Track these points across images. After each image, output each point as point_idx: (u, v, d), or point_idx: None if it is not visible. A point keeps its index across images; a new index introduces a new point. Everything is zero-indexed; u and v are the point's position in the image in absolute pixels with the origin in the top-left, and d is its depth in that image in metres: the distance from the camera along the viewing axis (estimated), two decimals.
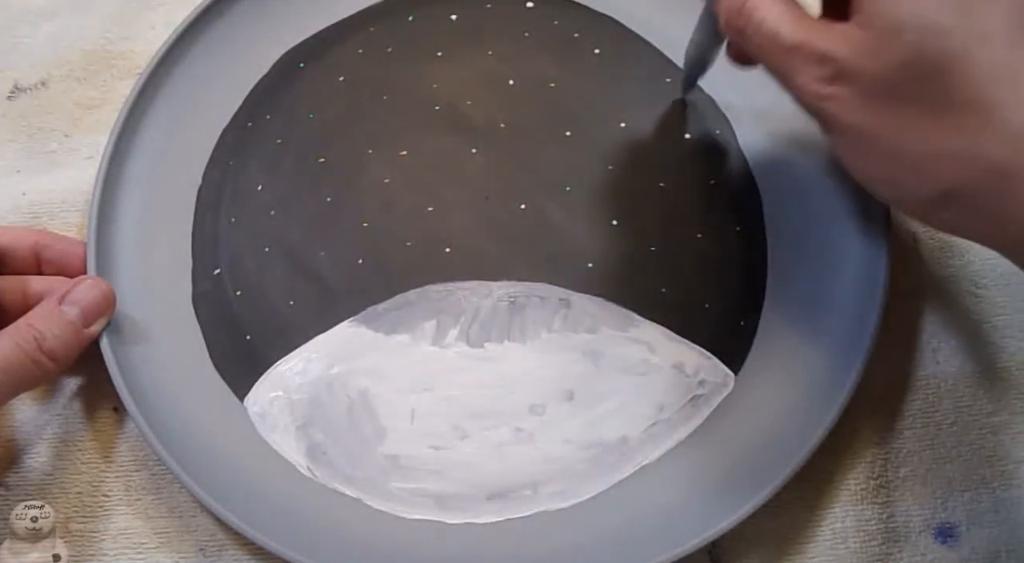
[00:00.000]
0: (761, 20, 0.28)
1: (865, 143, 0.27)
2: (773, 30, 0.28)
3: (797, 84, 0.28)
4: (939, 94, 0.25)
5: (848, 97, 0.26)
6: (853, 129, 0.27)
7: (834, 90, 0.27)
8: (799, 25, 0.27)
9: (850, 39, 0.26)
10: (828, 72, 0.27)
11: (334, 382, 0.36)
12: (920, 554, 0.34)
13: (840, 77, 0.26)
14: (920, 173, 0.26)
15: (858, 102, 0.26)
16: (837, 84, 0.26)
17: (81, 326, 0.34)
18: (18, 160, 0.41)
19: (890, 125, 0.26)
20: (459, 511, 0.35)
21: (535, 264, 0.38)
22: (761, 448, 0.34)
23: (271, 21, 0.41)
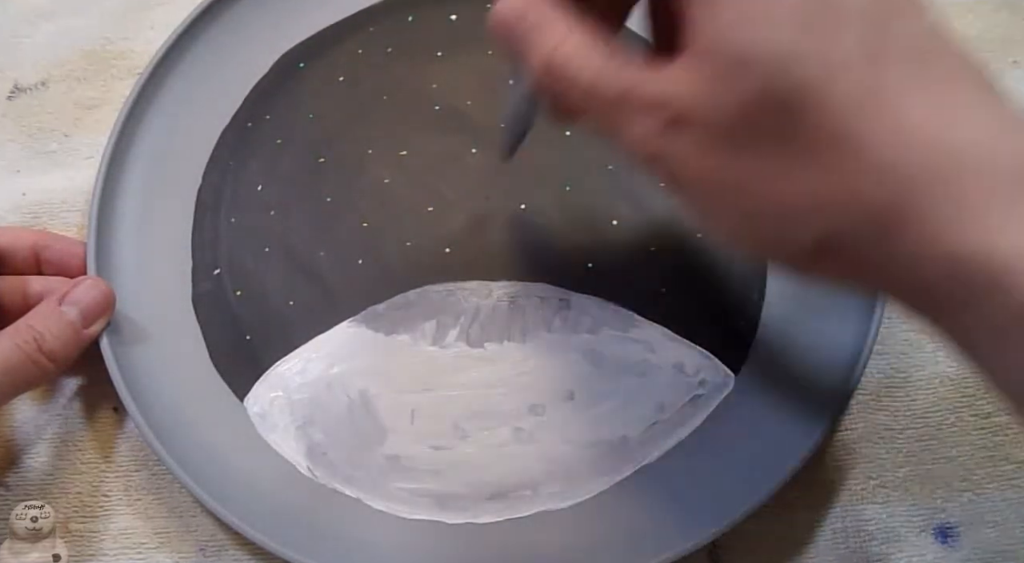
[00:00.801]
0: (575, 74, 0.24)
1: (717, 197, 0.23)
2: (590, 82, 0.24)
3: (629, 140, 0.24)
4: (797, 132, 0.21)
5: (689, 146, 0.22)
6: (700, 182, 0.23)
7: (673, 140, 0.23)
8: (622, 72, 0.23)
9: (684, 78, 0.22)
10: (662, 120, 0.23)
11: (334, 382, 0.36)
12: (920, 554, 0.34)
13: (677, 124, 0.22)
14: (786, 225, 0.23)
15: (702, 150, 0.22)
16: (676, 131, 0.22)
17: (81, 326, 0.34)
18: (18, 160, 0.41)
19: (743, 173, 0.22)
20: (459, 511, 0.35)
21: (535, 264, 0.38)
22: (761, 448, 0.34)
23: (271, 21, 0.41)
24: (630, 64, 0.23)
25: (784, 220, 0.23)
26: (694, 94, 0.22)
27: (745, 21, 0.21)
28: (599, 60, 0.24)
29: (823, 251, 0.23)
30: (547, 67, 0.24)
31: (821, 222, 0.22)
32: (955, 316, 0.22)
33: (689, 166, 0.23)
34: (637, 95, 0.23)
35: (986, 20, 0.42)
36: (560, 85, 0.24)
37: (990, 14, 0.42)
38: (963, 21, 0.42)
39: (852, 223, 0.22)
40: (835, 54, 0.21)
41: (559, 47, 0.24)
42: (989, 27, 0.42)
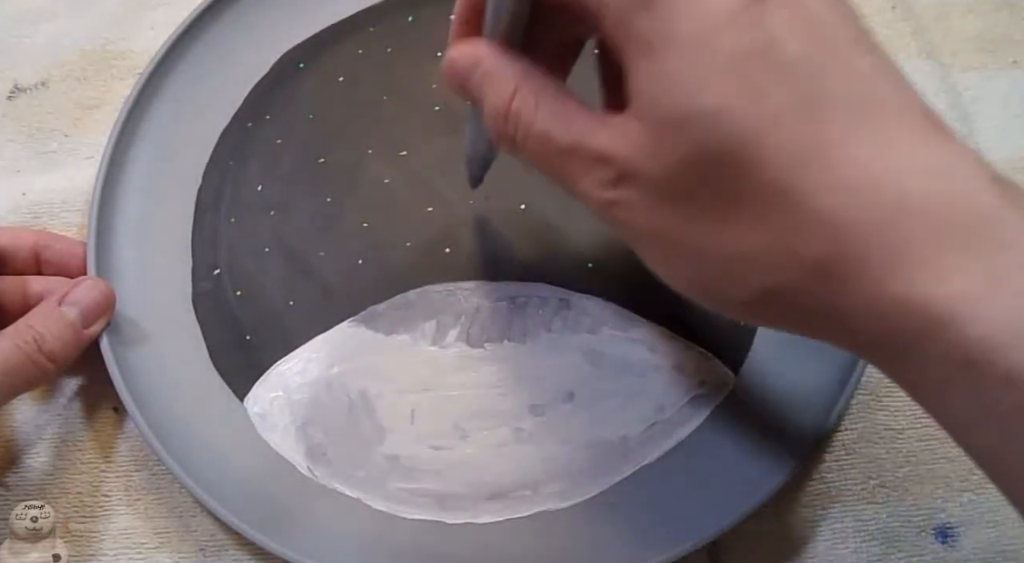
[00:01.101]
0: (529, 124, 0.24)
1: (664, 249, 0.24)
2: (543, 133, 0.24)
3: (579, 191, 0.24)
4: (735, 187, 0.21)
5: (635, 200, 0.23)
6: (649, 234, 0.24)
7: (619, 194, 0.23)
8: (573, 124, 0.24)
9: (628, 134, 0.22)
10: (609, 174, 0.23)
11: (334, 382, 0.36)
12: (920, 554, 0.34)
13: (623, 179, 0.23)
14: (730, 277, 0.23)
15: (647, 205, 0.23)
16: (621, 187, 0.23)
17: (81, 327, 0.34)
18: (18, 160, 0.41)
19: (687, 227, 0.23)
20: (459, 511, 0.35)
21: (535, 264, 0.38)
22: (761, 448, 0.34)
23: (271, 21, 0.41)
24: (580, 116, 0.24)
25: (727, 274, 0.23)
26: (635, 151, 0.22)
27: (679, 76, 0.21)
28: (554, 109, 0.24)
29: (766, 303, 0.23)
30: (501, 116, 0.25)
31: (763, 276, 0.22)
32: (898, 364, 0.22)
33: (635, 219, 0.23)
34: (584, 149, 0.23)
35: (986, 20, 0.42)
36: (514, 133, 0.25)
37: (990, 14, 0.42)
38: (963, 21, 0.42)
39: (793, 277, 0.22)
40: (769, 106, 0.21)
41: (512, 97, 0.24)
42: (989, 27, 0.42)
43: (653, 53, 0.21)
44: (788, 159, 0.21)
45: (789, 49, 0.21)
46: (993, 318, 0.19)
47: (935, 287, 0.20)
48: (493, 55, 0.25)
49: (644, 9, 0.21)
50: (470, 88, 0.26)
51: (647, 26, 0.21)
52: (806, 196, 0.21)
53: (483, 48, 0.26)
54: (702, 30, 0.21)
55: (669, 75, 0.21)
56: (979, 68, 0.42)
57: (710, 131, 0.21)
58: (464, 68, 0.26)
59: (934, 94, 0.41)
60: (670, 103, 0.21)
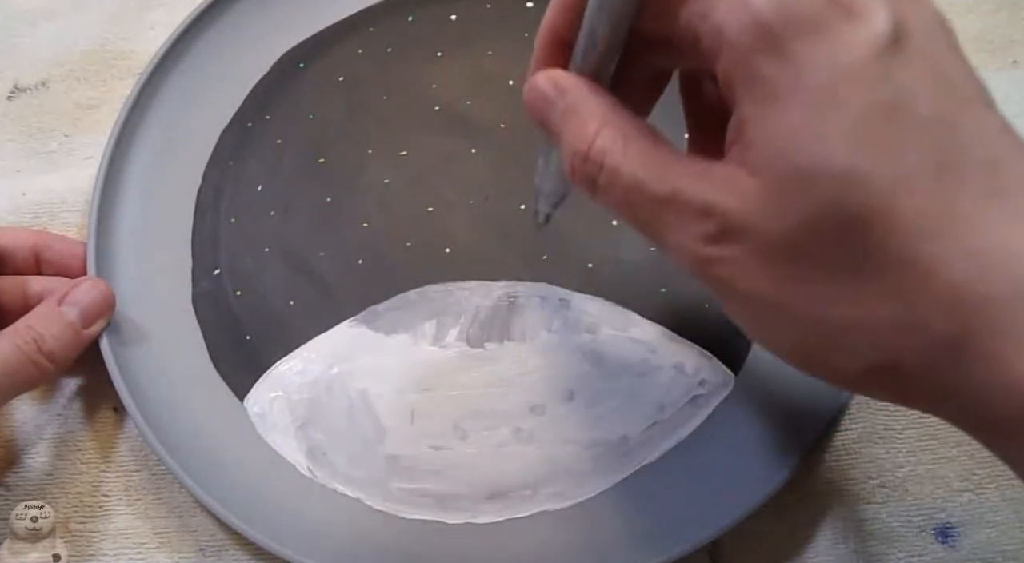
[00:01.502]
0: (616, 167, 0.22)
1: (768, 312, 0.22)
2: (633, 179, 0.22)
3: (674, 245, 0.22)
4: (861, 254, 0.20)
5: (741, 258, 0.21)
6: (751, 296, 0.22)
7: (722, 250, 0.21)
8: (667, 170, 0.22)
9: (738, 187, 0.21)
10: (713, 228, 0.21)
11: (334, 382, 0.36)
12: (920, 554, 0.34)
13: (729, 234, 0.21)
14: (842, 348, 0.21)
15: (755, 264, 0.21)
16: (726, 243, 0.21)
17: (80, 327, 0.34)
18: (18, 160, 0.41)
19: (799, 292, 0.21)
20: (459, 511, 0.35)
21: (535, 264, 0.38)
22: (761, 448, 0.34)
23: (271, 21, 0.41)
24: (677, 162, 0.22)
25: (839, 344, 0.21)
26: (748, 206, 0.20)
27: (806, 130, 0.20)
28: (644, 152, 0.22)
29: (879, 376, 0.21)
30: (581, 156, 0.23)
31: (881, 348, 0.21)
32: (1012, 443, 0.21)
33: (740, 279, 0.21)
34: (686, 199, 0.21)
35: (986, 20, 0.42)
36: (601, 178, 0.23)
37: (990, 14, 0.42)
38: (963, 21, 0.42)
39: (915, 351, 0.20)
40: (901, 169, 0.19)
41: (596, 136, 0.23)
42: (989, 27, 0.42)
43: (778, 101, 0.20)
44: (920, 226, 0.19)
45: (922, 106, 0.20)
46: None
47: None
48: (579, 87, 0.23)
49: (772, 53, 0.20)
50: (549, 121, 0.24)
51: (773, 72, 0.20)
52: (936, 266, 0.19)
53: (569, 79, 0.24)
54: (832, 81, 0.19)
55: (794, 127, 0.20)
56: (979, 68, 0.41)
57: (839, 192, 0.19)
58: (546, 97, 0.24)
59: None
60: (795, 159, 0.20)
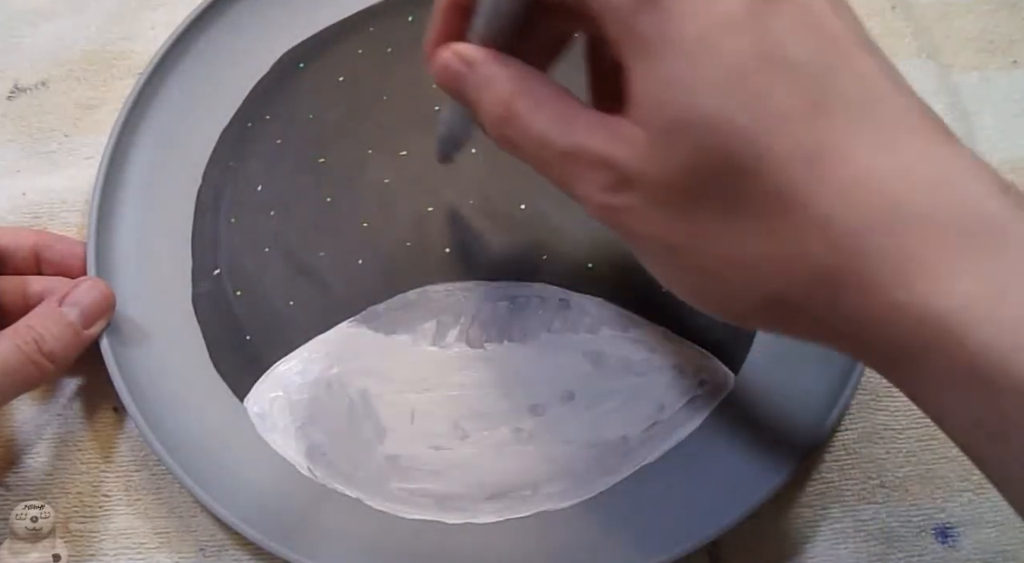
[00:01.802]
0: (527, 126, 0.24)
1: (666, 254, 0.23)
2: (542, 137, 0.24)
3: (580, 194, 0.24)
4: (740, 194, 0.21)
5: (637, 205, 0.22)
6: (651, 240, 0.23)
7: (620, 199, 0.23)
8: (571, 126, 0.23)
9: (628, 139, 0.22)
10: (611, 179, 0.23)
11: (334, 382, 0.36)
12: (920, 554, 0.34)
13: (624, 183, 0.22)
14: (733, 285, 0.22)
15: (649, 210, 0.22)
16: (623, 191, 0.22)
17: (81, 327, 0.34)
18: (18, 160, 0.41)
19: (691, 232, 0.22)
20: (459, 511, 0.35)
21: (535, 264, 0.38)
22: (761, 448, 0.34)
23: (271, 21, 0.41)
24: (579, 117, 0.23)
25: (730, 281, 0.22)
26: (637, 156, 0.22)
27: (681, 80, 0.21)
28: (553, 111, 0.24)
29: (771, 310, 0.22)
30: (501, 120, 0.24)
31: (767, 282, 0.22)
32: (902, 372, 0.21)
33: (637, 224, 0.23)
34: (587, 152, 0.23)
35: (986, 20, 0.42)
36: (516, 137, 0.24)
37: (990, 14, 0.43)
38: (963, 21, 0.42)
39: (798, 283, 0.21)
40: (772, 111, 0.20)
41: (511, 101, 0.24)
42: (989, 27, 0.42)
43: (655, 55, 0.21)
44: (790, 164, 0.20)
45: (793, 51, 0.20)
46: (998, 326, 0.19)
47: (938, 295, 0.20)
48: (487, 60, 0.25)
49: (648, 9, 0.21)
50: (464, 93, 0.26)
51: (650, 27, 0.21)
52: (807, 202, 0.20)
53: (476, 52, 0.25)
54: (706, 32, 0.20)
55: (672, 78, 0.21)
56: (979, 68, 0.42)
57: (713, 137, 0.20)
58: (457, 72, 0.25)
59: (934, 94, 0.41)
60: (673, 108, 0.21)
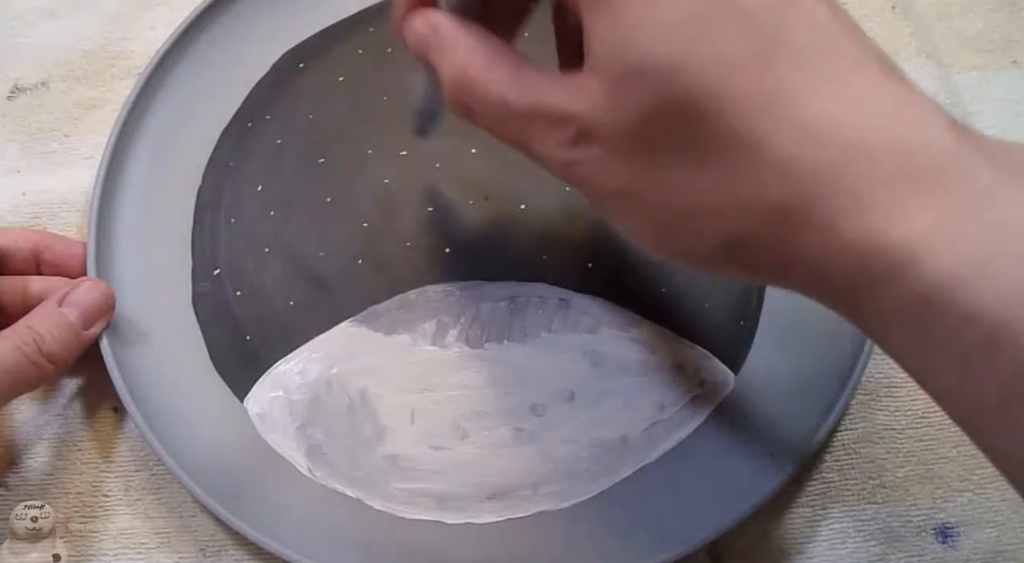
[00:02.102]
0: (484, 92, 0.24)
1: (629, 204, 0.24)
2: (500, 99, 0.24)
3: (540, 153, 0.24)
4: (697, 138, 0.21)
5: (598, 157, 0.23)
6: (612, 191, 0.23)
7: (581, 152, 0.23)
8: (528, 86, 0.23)
9: (586, 91, 0.22)
10: (570, 133, 0.23)
11: (334, 382, 0.36)
12: (920, 554, 0.34)
13: (584, 137, 0.23)
14: (694, 229, 0.23)
15: (609, 161, 0.23)
16: (583, 145, 0.23)
17: (80, 328, 0.34)
18: (18, 160, 0.41)
19: (651, 180, 0.22)
20: (459, 511, 0.35)
21: (535, 264, 0.38)
22: (761, 448, 0.34)
23: (271, 21, 0.41)
24: (536, 78, 0.24)
25: (692, 224, 0.23)
26: (595, 107, 0.22)
27: (636, 29, 0.21)
28: (505, 76, 0.24)
29: (732, 252, 0.23)
30: (456, 85, 0.25)
31: (727, 224, 0.22)
32: (859, 308, 0.21)
33: (598, 177, 0.23)
34: (544, 110, 0.23)
35: (986, 20, 0.42)
36: (470, 101, 0.25)
37: (990, 14, 0.43)
38: (963, 21, 0.42)
39: (756, 223, 0.22)
40: (727, 55, 0.21)
41: (467, 65, 0.24)
42: (989, 27, 0.42)
43: (610, 5, 0.21)
44: (745, 107, 0.21)
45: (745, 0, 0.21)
46: (949, 257, 0.19)
47: (890, 228, 0.20)
48: (449, 25, 0.25)
49: None
50: (430, 58, 0.26)
51: None
52: (763, 143, 0.21)
53: (440, 17, 0.25)
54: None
55: (626, 28, 0.21)
56: (979, 68, 0.42)
57: (668, 83, 0.21)
58: (424, 37, 0.26)
59: (934, 94, 0.40)
60: (627, 57, 0.21)
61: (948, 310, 0.19)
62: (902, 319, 0.20)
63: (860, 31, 0.22)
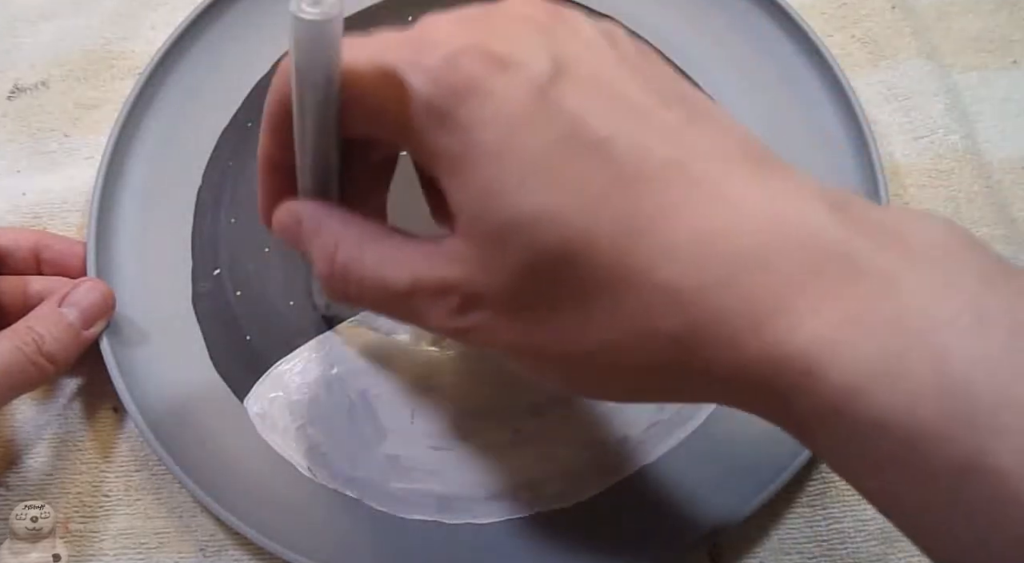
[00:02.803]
0: (360, 277, 0.23)
1: (531, 359, 0.23)
2: (377, 281, 0.23)
3: (433, 326, 0.23)
4: (577, 281, 0.20)
5: (488, 320, 0.22)
6: (512, 349, 0.23)
7: (470, 319, 0.22)
8: (404, 261, 0.23)
9: (460, 257, 0.22)
10: (454, 302, 0.22)
11: (334, 382, 0.36)
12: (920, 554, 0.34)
13: (469, 303, 0.22)
14: (602, 370, 0.22)
15: (500, 322, 0.22)
16: (470, 311, 0.22)
17: (80, 328, 0.34)
18: (18, 160, 0.41)
19: (545, 332, 0.22)
20: (459, 511, 0.35)
21: None
22: (761, 448, 0.34)
23: (271, 21, 0.41)
24: (409, 252, 0.23)
25: (598, 368, 0.22)
26: (472, 273, 0.21)
27: (492, 187, 0.20)
28: (377, 257, 0.23)
29: (643, 385, 0.22)
30: (330, 274, 0.24)
31: (630, 360, 0.21)
32: (781, 416, 0.21)
33: (494, 338, 0.22)
34: (423, 284, 0.22)
35: (986, 20, 0.42)
36: (352, 290, 0.24)
37: (990, 14, 0.42)
38: (963, 21, 0.42)
39: (658, 355, 0.21)
40: (584, 191, 0.20)
41: (336, 252, 0.24)
42: (989, 27, 0.42)
43: (463, 168, 0.21)
44: (618, 240, 0.20)
45: (594, 129, 0.20)
46: (851, 360, 0.18)
47: (791, 337, 0.19)
48: (312, 212, 0.25)
49: (443, 126, 0.21)
50: (301, 248, 0.25)
51: (450, 144, 0.21)
52: (644, 273, 0.20)
53: (302, 206, 0.25)
54: (503, 133, 0.20)
55: (483, 187, 0.20)
56: (979, 68, 0.42)
57: (533, 235, 0.20)
58: (289, 228, 0.25)
59: (934, 94, 0.40)
60: (490, 218, 0.20)
61: (858, 417, 0.19)
62: (821, 426, 0.20)
63: (719, 122, 0.21)
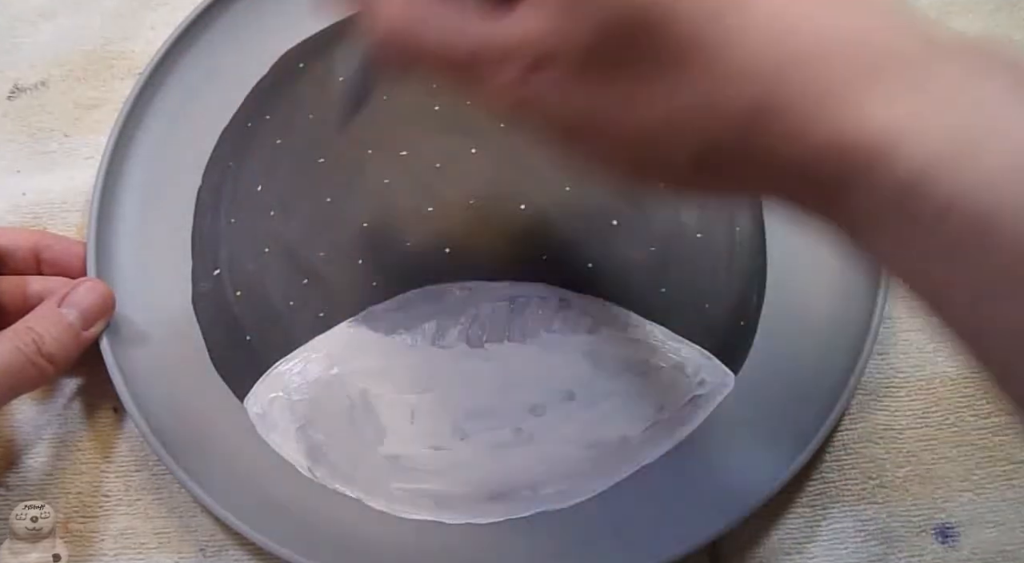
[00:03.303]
0: (424, 41, 0.23)
1: (589, 130, 0.23)
2: (439, 45, 0.23)
3: (491, 93, 0.23)
4: (652, 51, 0.21)
5: (553, 86, 0.22)
6: (575, 119, 0.23)
7: (540, 83, 0.22)
8: (469, 28, 0.23)
9: (532, 21, 0.22)
10: (522, 65, 0.22)
11: (334, 382, 0.36)
12: (920, 554, 0.34)
13: (538, 66, 0.22)
14: (665, 145, 0.22)
15: (566, 88, 0.22)
16: (541, 73, 0.22)
17: (80, 328, 0.34)
18: (18, 160, 0.41)
19: (614, 98, 0.22)
20: (459, 511, 0.35)
21: (535, 264, 0.38)
22: (761, 448, 0.34)
23: (271, 21, 0.41)
24: (476, 18, 0.23)
25: (661, 138, 0.22)
26: (544, 34, 0.21)
27: None
28: (444, 19, 0.23)
29: (703, 164, 0.22)
30: (394, 32, 0.24)
31: (697, 133, 0.21)
32: (841, 206, 0.21)
33: (556, 106, 0.22)
34: (490, 48, 0.22)
35: (986, 20, 0.42)
36: (415, 54, 0.24)
37: (990, 14, 0.42)
38: (963, 21, 0.42)
39: (726, 128, 0.21)
40: None
41: (400, 11, 0.24)
42: (989, 27, 0.42)
43: None
44: (701, 12, 0.20)
45: None
46: (924, 145, 0.19)
47: (863, 121, 0.19)
48: None
49: None
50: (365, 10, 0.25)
51: None
52: (723, 46, 0.20)
53: None
54: None
55: None
56: None
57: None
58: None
59: None
60: None
61: (926, 200, 0.19)
62: (885, 213, 0.20)
63: None
